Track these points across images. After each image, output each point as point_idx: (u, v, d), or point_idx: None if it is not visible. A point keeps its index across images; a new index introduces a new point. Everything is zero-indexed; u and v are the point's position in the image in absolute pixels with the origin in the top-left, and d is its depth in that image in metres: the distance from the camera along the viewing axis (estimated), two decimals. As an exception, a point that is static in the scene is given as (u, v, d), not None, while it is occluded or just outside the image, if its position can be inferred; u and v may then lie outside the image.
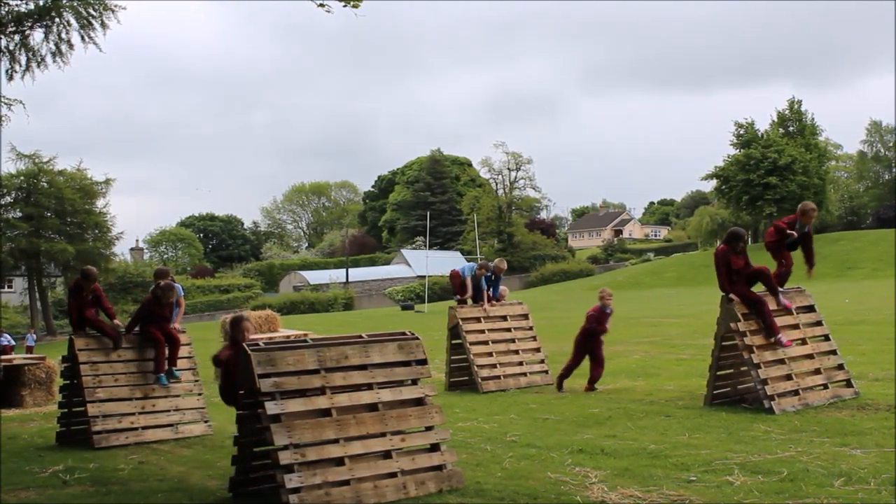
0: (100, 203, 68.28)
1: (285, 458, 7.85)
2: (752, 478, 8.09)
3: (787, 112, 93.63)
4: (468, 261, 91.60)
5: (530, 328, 17.61)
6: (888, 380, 14.07)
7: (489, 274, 17.46)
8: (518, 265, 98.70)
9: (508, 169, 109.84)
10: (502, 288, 18.00)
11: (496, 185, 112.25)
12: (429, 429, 8.75)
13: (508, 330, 17.32)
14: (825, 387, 12.63)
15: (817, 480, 7.83)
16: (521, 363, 16.98)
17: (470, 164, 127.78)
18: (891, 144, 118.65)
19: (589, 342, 15.49)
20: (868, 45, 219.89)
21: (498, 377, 16.51)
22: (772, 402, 11.84)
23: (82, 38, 14.91)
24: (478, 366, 16.47)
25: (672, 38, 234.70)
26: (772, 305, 12.62)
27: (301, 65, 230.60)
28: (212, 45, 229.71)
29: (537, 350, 17.35)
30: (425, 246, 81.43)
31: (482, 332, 16.99)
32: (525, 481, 8.52)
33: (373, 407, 8.53)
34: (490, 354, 16.76)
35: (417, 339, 9.06)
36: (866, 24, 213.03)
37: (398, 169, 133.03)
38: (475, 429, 11.95)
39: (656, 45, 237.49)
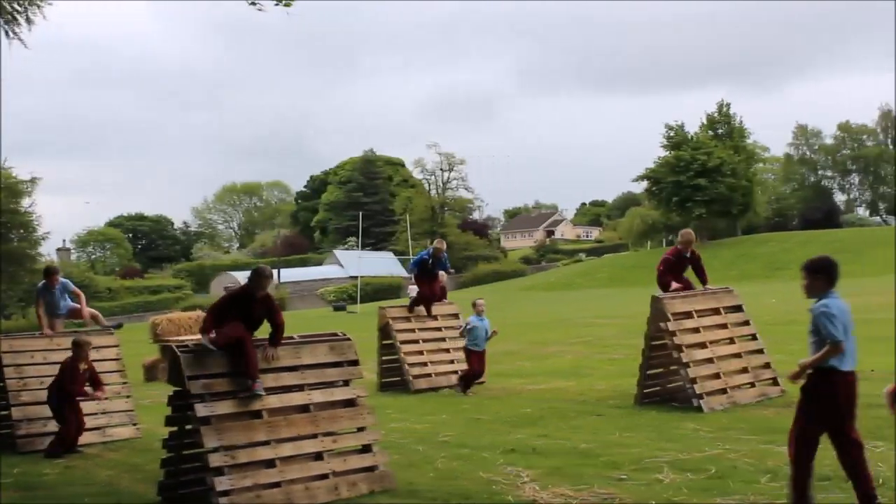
0: (25, 202, 66.89)
1: (215, 460, 7.77)
2: (681, 475, 8.18)
3: (716, 115, 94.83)
4: (401, 261, 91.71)
5: (460, 328, 17.61)
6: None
7: (427, 257, 17.64)
8: (452, 265, 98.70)
9: (441, 170, 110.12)
10: (441, 273, 18.04)
11: (429, 185, 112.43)
12: (361, 430, 8.73)
13: (439, 329, 17.34)
14: (752, 385, 12.83)
15: (744, 477, 7.93)
16: (452, 362, 16.97)
17: (403, 165, 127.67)
18: (816, 147, 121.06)
19: None
20: (796, 50, 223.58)
21: (429, 375, 16.51)
22: (701, 401, 11.99)
23: (6, 33, 14.54)
24: (408, 365, 16.46)
25: (607, 40, 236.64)
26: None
27: (235, 64, 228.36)
28: (146, 42, 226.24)
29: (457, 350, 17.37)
30: (358, 246, 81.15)
31: (412, 331, 16.98)
32: (457, 481, 8.53)
33: (304, 408, 8.48)
34: (421, 353, 16.76)
35: (349, 339, 9.02)
36: (795, 29, 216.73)
37: (331, 169, 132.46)
38: (407, 429, 11.92)
39: (591, 47, 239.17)
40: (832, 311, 6.64)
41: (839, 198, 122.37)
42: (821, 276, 6.89)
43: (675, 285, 13.48)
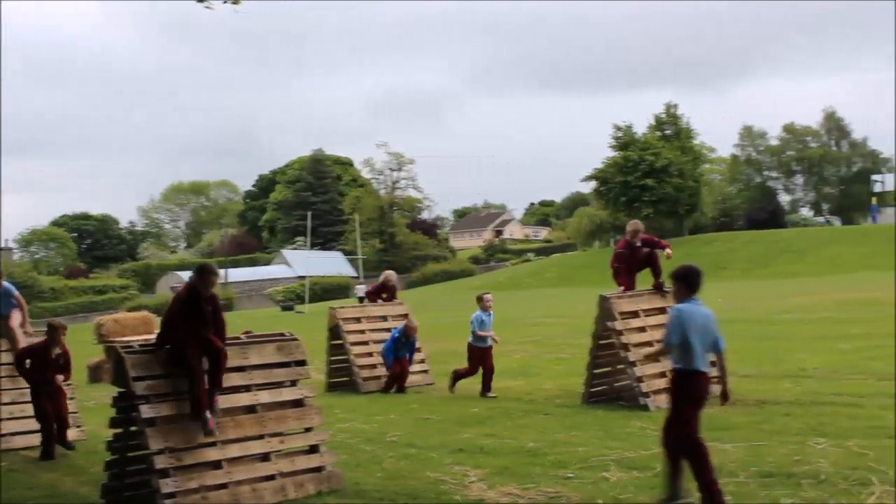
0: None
1: (160, 462, 7.70)
2: (627, 473, 8.24)
3: (663, 116, 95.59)
4: (350, 261, 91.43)
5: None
6: (757, 376, 14.52)
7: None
8: (399, 265, 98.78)
9: (391, 169, 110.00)
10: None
11: (378, 185, 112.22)
12: (308, 430, 8.70)
13: (388, 330, 17.26)
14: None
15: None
16: (401, 363, 16.94)
17: (352, 164, 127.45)
18: (762, 148, 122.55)
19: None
20: (741, 52, 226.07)
21: (378, 377, 16.47)
22: (647, 400, 12.10)
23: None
24: (358, 366, 16.42)
25: (556, 41, 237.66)
26: None
27: (181, 62, 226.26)
28: (91, 39, 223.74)
29: (418, 350, 17.35)
30: (306, 246, 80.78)
31: (362, 332, 16.93)
32: (405, 481, 8.53)
33: (251, 409, 8.44)
34: (370, 355, 16.71)
35: (297, 339, 8.98)
36: (741, 31, 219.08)
37: (279, 168, 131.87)
38: (355, 429, 11.90)
39: (540, 47, 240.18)
40: (680, 316, 7.07)
41: (784, 198, 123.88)
42: (682, 283, 7.25)
43: (620, 288, 13.59)
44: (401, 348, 16.06)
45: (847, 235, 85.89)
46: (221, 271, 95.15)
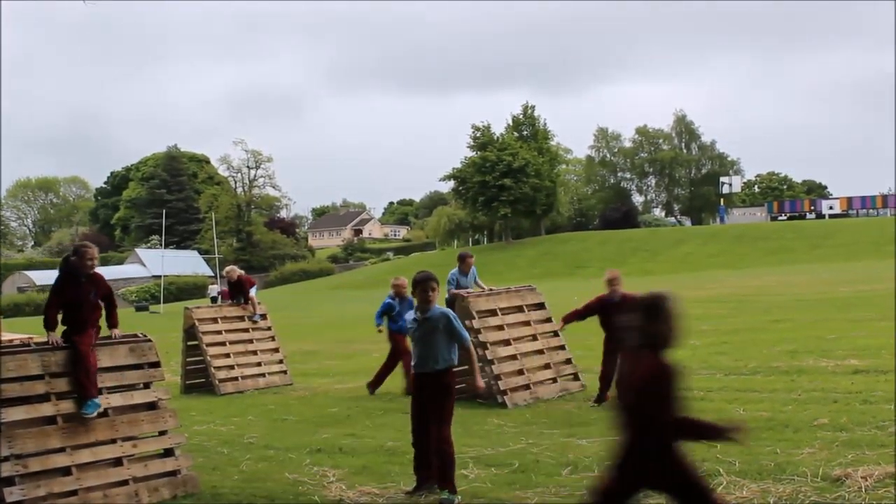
0: None
1: (6, 469, 7.42)
2: (485, 470, 8.32)
3: (521, 117, 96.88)
4: (207, 260, 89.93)
5: (269, 328, 17.42)
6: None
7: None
8: (257, 264, 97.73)
9: (248, 167, 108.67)
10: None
11: (235, 183, 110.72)
12: (162, 433, 8.51)
13: (246, 330, 17.06)
14: (554, 381, 13.17)
15: (546, 470, 8.14)
16: (259, 364, 16.74)
17: (208, 162, 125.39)
18: (616, 150, 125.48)
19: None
20: (597, 55, 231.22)
21: (235, 378, 16.22)
22: (505, 397, 12.24)
23: None
24: (215, 367, 16.13)
25: (417, 40, 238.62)
26: None
27: (28, 55, 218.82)
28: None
29: (276, 350, 17.18)
30: (161, 245, 79.14)
31: (219, 332, 16.65)
32: (263, 483, 8.43)
33: (103, 413, 8.20)
34: (227, 356, 16.45)
35: (150, 341, 8.77)
36: (598, 34, 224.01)
37: (133, 165, 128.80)
38: (212, 432, 11.70)
39: (402, 47, 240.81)
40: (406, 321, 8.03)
41: (637, 199, 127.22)
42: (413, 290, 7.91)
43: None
44: (401, 313, 13.83)
45: (697, 235, 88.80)
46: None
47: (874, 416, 9.48)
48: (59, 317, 8.29)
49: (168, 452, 8.46)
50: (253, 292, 17.56)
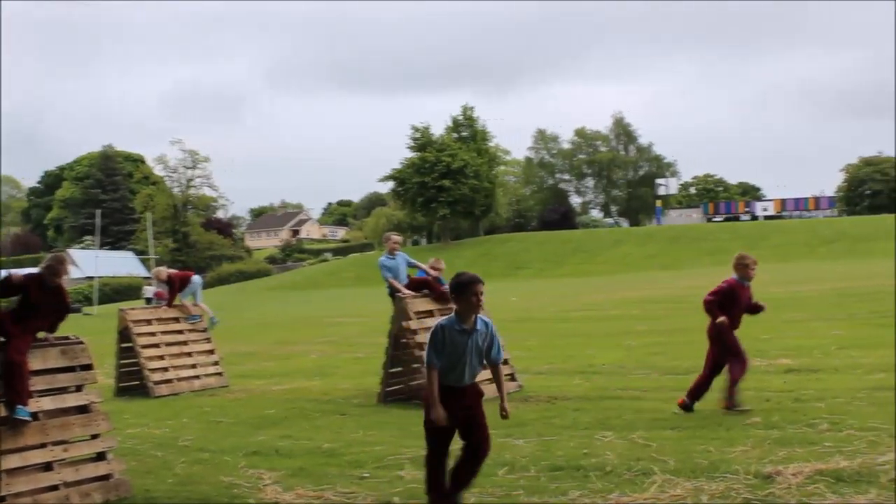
0: None
1: (-70, 475, 7.25)
2: (422, 471, 8.27)
3: (460, 118, 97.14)
4: (142, 261, 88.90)
5: (204, 329, 17.25)
6: (550, 373, 14.97)
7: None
8: (194, 265, 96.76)
9: (185, 167, 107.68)
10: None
11: (172, 183, 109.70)
12: (94, 437, 8.37)
13: (181, 332, 16.88)
14: (491, 381, 13.16)
15: (483, 470, 8.07)
16: (194, 366, 16.56)
17: (144, 161, 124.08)
18: (555, 152, 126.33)
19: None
20: (536, 57, 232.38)
21: (170, 381, 16.03)
22: (442, 398, 12.22)
23: None
24: (149, 369, 15.93)
25: (356, 41, 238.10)
26: None
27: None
28: None
29: (211, 352, 17.01)
30: (95, 245, 78.08)
31: (153, 334, 16.45)
32: (197, 486, 8.33)
33: (32, 417, 8.04)
34: (162, 357, 16.25)
35: (82, 343, 8.62)
36: (536, 36, 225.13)
37: (67, 164, 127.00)
38: (145, 435, 11.55)
39: (340, 47, 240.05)
40: None
41: (575, 200, 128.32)
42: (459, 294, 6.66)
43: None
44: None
45: (634, 236, 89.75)
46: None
47: (805, 415, 9.65)
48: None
49: (100, 456, 8.32)
50: (199, 297, 17.41)
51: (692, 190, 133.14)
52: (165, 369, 16.15)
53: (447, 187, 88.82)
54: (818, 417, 9.40)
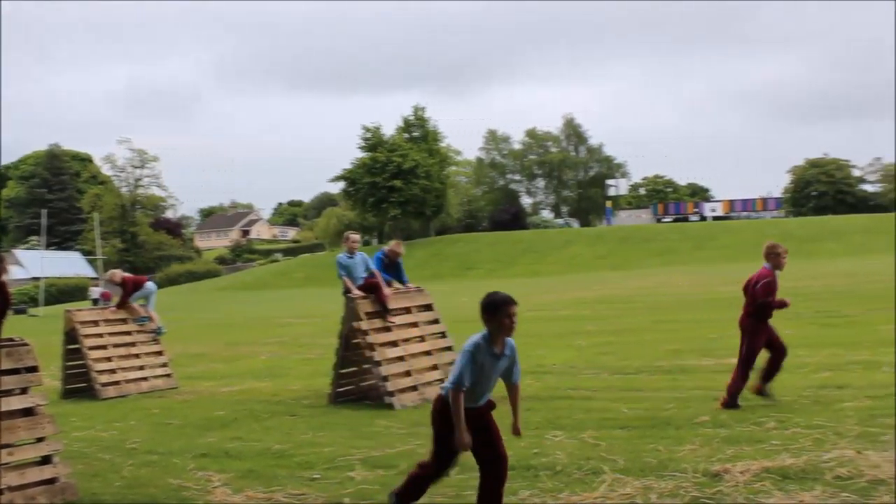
0: None
1: None
2: (372, 472, 8.29)
3: (412, 118, 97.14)
4: (89, 261, 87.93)
5: (153, 331, 17.08)
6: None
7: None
8: (142, 265, 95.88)
9: (133, 166, 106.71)
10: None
11: (120, 182, 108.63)
12: (40, 440, 8.25)
13: (129, 333, 16.69)
14: (442, 381, 13.16)
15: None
16: (142, 367, 16.38)
17: (91, 161, 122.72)
18: (506, 152, 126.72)
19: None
20: (487, 57, 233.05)
21: (118, 382, 15.85)
22: (392, 398, 12.23)
23: None
24: (96, 371, 15.74)
25: (306, 41, 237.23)
26: None
27: None
28: None
29: (160, 353, 16.84)
30: (41, 246, 77.08)
31: (100, 336, 16.26)
32: (145, 489, 8.25)
33: (-24, 419, 7.93)
34: (109, 359, 16.06)
35: (27, 344, 8.50)
36: (488, 37, 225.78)
37: (12, 163, 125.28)
38: (93, 437, 11.42)
39: (290, 47, 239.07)
40: None
41: (526, 201, 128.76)
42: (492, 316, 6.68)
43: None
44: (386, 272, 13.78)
45: (584, 237, 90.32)
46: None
47: (752, 413, 9.77)
48: None
49: (46, 460, 8.21)
50: (151, 304, 17.22)
51: (642, 191, 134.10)
52: (113, 371, 15.96)
53: (398, 187, 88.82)
54: (765, 416, 9.53)
